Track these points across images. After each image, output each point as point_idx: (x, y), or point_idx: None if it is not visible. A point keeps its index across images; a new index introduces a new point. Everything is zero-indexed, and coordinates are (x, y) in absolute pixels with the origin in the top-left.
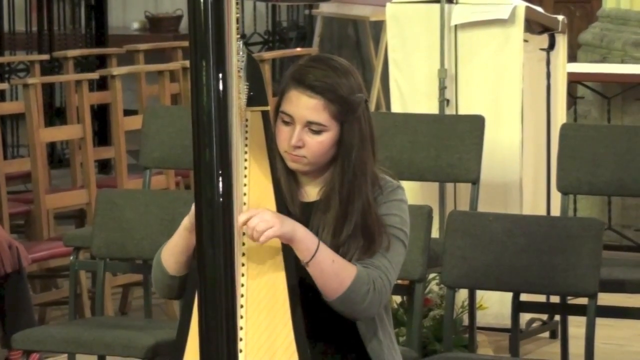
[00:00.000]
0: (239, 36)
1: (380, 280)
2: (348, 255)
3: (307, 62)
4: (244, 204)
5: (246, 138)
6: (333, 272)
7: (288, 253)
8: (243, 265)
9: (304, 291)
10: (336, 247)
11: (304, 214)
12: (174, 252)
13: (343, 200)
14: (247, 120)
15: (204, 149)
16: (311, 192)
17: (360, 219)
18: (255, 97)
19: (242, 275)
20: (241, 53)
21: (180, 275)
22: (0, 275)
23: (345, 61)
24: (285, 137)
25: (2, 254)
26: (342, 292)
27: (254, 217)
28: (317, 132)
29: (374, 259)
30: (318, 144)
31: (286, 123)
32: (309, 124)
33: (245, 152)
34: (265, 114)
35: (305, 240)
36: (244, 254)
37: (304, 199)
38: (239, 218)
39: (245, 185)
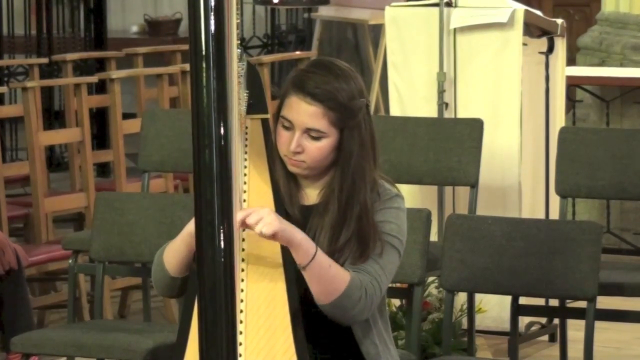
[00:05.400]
0: (238, 42)
1: (372, 286)
2: (342, 259)
3: (308, 68)
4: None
5: (246, 145)
6: (329, 277)
7: (287, 258)
8: (243, 270)
9: (301, 295)
10: (332, 251)
11: (304, 217)
12: (175, 254)
13: (342, 205)
14: (247, 127)
15: (204, 150)
16: (311, 194)
17: (357, 224)
18: (255, 105)
19: (242, 280)
20: (241, 61)
21: (182, 277)
22: (4, 270)
23: (347, 65)
24: (285, 141)
25: (5, 248)
26: (336, 298)
27: (253, 214)
28: (317, 139)
29: (367, 264)
30: (317, 150)
31: (286, 128)
32: (308, 130)
33: (245, 159)
34: (265, 122)
35: (304, 243)
36: (243, 260)
37: (304, 201)
38: (237, 216)
39: (245, 192)
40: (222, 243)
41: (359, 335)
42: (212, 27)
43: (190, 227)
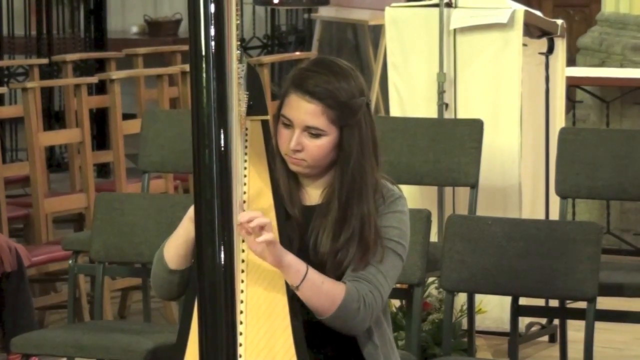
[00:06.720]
0: (238, 43)
1: (371, 295)
2: (347, 259)
3: (308, 66)
4: (243, 210)
5: (246, 147)
6: (323, 293)
7: None
8: (243, 271)
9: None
10: (335, 252)
11: (305, 217)
12: (175, 242)
13: (342, 204)
14: (246, 129)
15: (204, 151)
16: (313, 194)
17: (359, 225)
18: (255, 107)
19: (242, 281)
20: (241, 62)
21: (180, 270)
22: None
23: (347, 64)
24: (285, 140)
25: (1, 253)
26: (334, 311)
27: (257, 219)
28: (316, 136)
29: (367, 272)
30: (317, 148)
31: (286, 126)
32: (307, 129)
33: (245, 161)
34: (264, 124)
35: (294, 264)
36: (243, 260)
37: (305, 201)
38: (240, 216)
39: (245, 193)
40: (222, 243)
41: (360, 335)
42: (212, 28)
43: (191, 212)
